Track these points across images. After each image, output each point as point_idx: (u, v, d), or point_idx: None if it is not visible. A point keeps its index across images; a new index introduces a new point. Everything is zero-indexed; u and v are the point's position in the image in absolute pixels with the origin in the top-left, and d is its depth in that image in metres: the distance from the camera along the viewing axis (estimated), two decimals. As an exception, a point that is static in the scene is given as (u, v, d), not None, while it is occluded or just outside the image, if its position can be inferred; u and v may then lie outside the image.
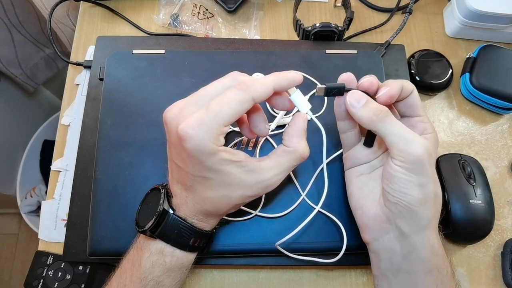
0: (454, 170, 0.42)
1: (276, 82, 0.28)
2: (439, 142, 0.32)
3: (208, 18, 0.53)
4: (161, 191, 0.31)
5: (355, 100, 0.30)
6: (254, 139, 0.41)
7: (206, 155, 0.26)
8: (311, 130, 0.33)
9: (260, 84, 0.27)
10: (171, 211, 0.30)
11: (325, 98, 0.43)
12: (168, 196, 0.31)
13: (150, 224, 0.29)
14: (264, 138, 0.41)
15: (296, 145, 0.30)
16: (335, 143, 0.40)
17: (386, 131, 0.29)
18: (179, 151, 0.27)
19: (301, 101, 0.30)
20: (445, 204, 0.41)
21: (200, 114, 0.26)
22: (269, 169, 0.29)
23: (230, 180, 0.28)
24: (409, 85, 0.31)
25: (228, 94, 0.26)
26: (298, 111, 0.31)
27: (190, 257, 0.32)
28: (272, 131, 0.40)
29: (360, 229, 0.34)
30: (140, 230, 0.30)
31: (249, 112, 0.31)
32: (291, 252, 0.37)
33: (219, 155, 0.26)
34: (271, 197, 0.39)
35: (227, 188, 0.28)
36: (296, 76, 0.29)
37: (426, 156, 0.28)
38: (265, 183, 0.29)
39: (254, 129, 0.32)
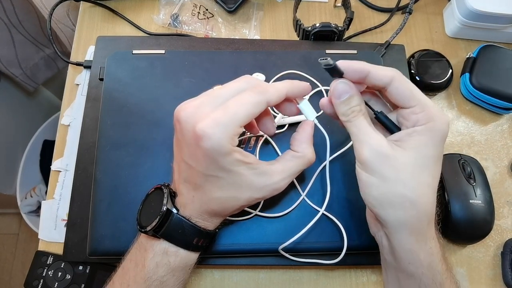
0: (454, 170, 0.43)
1: (289, 89, 0.30)
2: (444, 131, 0.28)
3: (208, 18, 0.53)
4: (164, 191, 0.31)
5: (337, 93, 0.30)
6: (254, 139, 0.41)
7: (222, 154, 0.26)
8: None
9: (275, 88, 0.28)
10: (175, 211, 0.30)
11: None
12: (172, 195, 0.31)
13: (153, 224, 0.29)
14: (264, 138, 0.41)
15: (305, 150, 0.31)
16: (335, 144, 0.40)
17: (349, 130, 0.30)
18: (193, 150, 0.27)
19: (309, 109, 0.32)
20: (445, 204, 0.41)
21: (218, 114, 0.26)
22: (279, 173, 0.30)
23: (240, 181, 0.28)
24: (385, 74, 0.28)
25: (245, 96, 0.27)
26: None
27: (194, 256, 0.32)
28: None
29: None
30: (142, 230, 0.30)
31: (259, 115, 0.31)
32: (291, 253, 0.37)
33: (233, 155, 0.27)
34: (272, 197, 0.39)
35: (236, 189, 0.29)
36: (307, 87, 0.31)
37: (377, 157, 0.27)
38: (273, 186, 0.30)
39: (262, 128, 0.33)
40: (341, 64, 0.29)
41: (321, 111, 0.42)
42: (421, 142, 0.28)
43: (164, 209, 0.29)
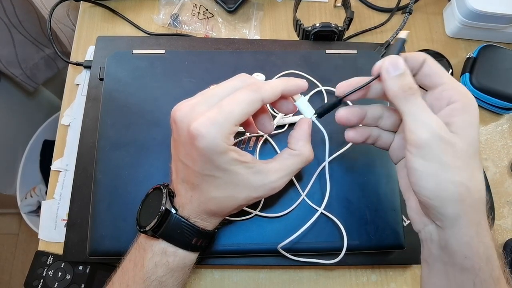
0: (454, 170, 0.42)
1: (284, 86, 0.29)
2: (477, 108, 0.27)
3: (208, 18, 0.53)
4: (163, 191, 0.31)
5: (392, 66, 0.27)
6: (254, 139, 0.41)
7: (217, 154, 0.26)
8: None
9: (270, 86, 0.28)
10: (173, 211, 0.30)
11: (325, 99, 0.43)
12: (170, 195, 0.31)
13: (152, 224, 0.29)
14: (264, 138, 0.41)
15: (302, 148, 0.31)
16: (335, 144, 0.40)
17: (406, 109, 0.26)
18: (188, 150, 0.27)
19: (306, 106, 0.32)
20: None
21: (212, 113, 0.26)
22: (276, 172, 0.30)
23: (237, 181, 0.28)
24: (418, 55, 0.28)
25: (239, 94, 0.27)
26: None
27: (193, 256, 0.32)
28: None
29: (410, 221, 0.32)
30: (141, 230, 0.30)
31: (256, 112, 0.31)
32: (291, 253, 0.37)
33: (229, 154, 0.27)
34: (271, 197, 0.38)
35: (233, 188, 0.29)
36: (303, 84, 0.30)
37: (437, 140, 0.25)
38: (271, 185, 0.30)
39: (260, 127, 0.33)
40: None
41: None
42: (469, 124, 0.26)
43: (163, 209, 0.29)
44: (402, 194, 0.33)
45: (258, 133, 0.37)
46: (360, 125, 0.33)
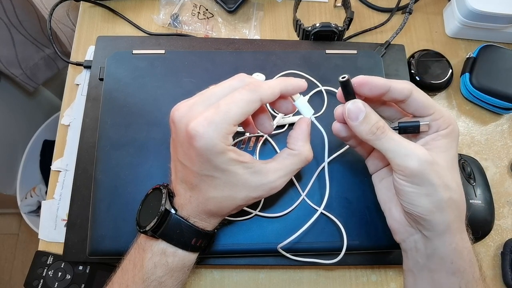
0: (454, 170, 0.43)
1: (282, 86, 0.29)
2: (458, 132, 0.30)
3: (208, 18, 0.53)
4: (163, 191, 0.31)
5: (354, 114, 0.29)
6: (254, 139, 0.41)
7: (215, 154, 0.26)
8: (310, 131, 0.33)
9: (268, 86, 0.28)
10: (173, 211, 0.30)
11: (325, 99, 0.43)
12: (170, 196, 0.31)
13: (152, 224, 0.29)
14: (264, 138, 0.41)
15: (301, 148, 0.31)
16: (334, 144, 0.40)
17: (383, 148, 0.29)
18: (186, 150, 0.27)
19: (305, 106, 0.32)
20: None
21: (210, 113, 0.26)
22: (275, 171, 0.30)
23: (236, 181, 0.28)
24: (404, 87, 0.29)
25: (237, 94, 0.27)
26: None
27: (192, 257, 0.32)
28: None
29: (391, 231, 0.34)
30: (141, 230, 0.30)
31: (255, 112, 0.31)
32: (291, 253, 0.37)
33: (227, 154, 0.27)
34: (271, 197, 0.38)
35: (232, 188, 0.28)
36: (302, 83, 0.30)
37: (426, 166, 0.27)
38: (270, 185, 0.30)
39: (259, 127, 0.33)
40: (361, 79, 0.30)
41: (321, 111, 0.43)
42: (448, 145, 0.29)
43: (162, 209, 0.29)
44: (381, 205, 0.34)
45: (257, 133, 0.37)
46: None
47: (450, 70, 0.49)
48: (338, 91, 0.31)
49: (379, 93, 0.30)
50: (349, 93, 0.30)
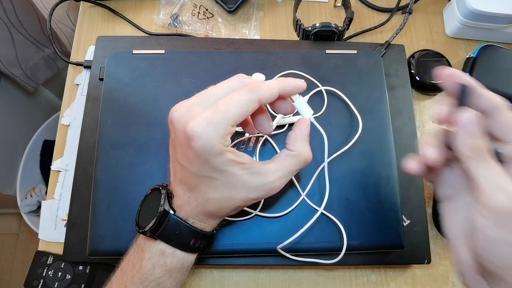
0: (454, 170, 0.42)
1: (281, 86, 0.29)
2: None
3: (208, 18, 0.53)
4: (162, 192, 0.31)
5: (469, 124, 0.23)
6: (254, 139, 0.41)
7: (213, 154, 0.26)
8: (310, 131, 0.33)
9: (267, 86, 0.28)
10: (171, 212, 0.30)
11: (325, 99, 0.43)
12: (169, 196, 0.31)
13: (150, 225, 0.29)
14: (264, 138, 0.41)
15: (300, 149, 0.31)
16: (334, 144, 0.40)
17: (479, 172, 0.24)
18: (185, 151, 0.27)
19: (304, 107, 0.31)
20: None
21: (208, 113, 0.26)
22: (273, 172, 0.30)
23: (234, 182, 0.28)
24: (493, 98, 0.25)
25: (236, 95, 0.27)
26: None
27: (191, 257, 0.32)
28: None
29: (456, 271, 0.29)
30: (140, 230, 0.30)
31: (254, 113, 0.31)
32: (291, 253, 0.37)
33: (225, 155, 0.27)
34: (271, 197, 0.38)
35: (231, 189, 0.28)
36: (301, 84, 0.30)
37: None
38: (269, 186, 0.30)
39: (258, 128, 0.33)
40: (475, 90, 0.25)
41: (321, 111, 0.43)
42: None
43: (161, 210, 0.29)
44: (449, 241, 0.28)
45: (257, 133, 0.37)
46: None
47: (450, 70, 0.49)
48: (452, 96, 0.26)
49: (485, 108, 0.25)
50: (465, 100, 0.25)
